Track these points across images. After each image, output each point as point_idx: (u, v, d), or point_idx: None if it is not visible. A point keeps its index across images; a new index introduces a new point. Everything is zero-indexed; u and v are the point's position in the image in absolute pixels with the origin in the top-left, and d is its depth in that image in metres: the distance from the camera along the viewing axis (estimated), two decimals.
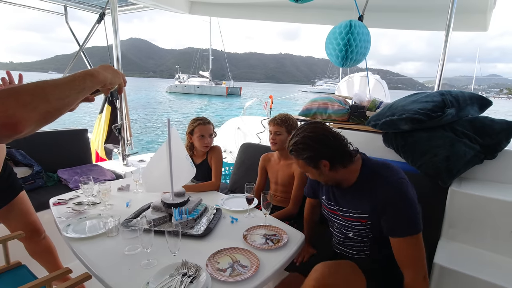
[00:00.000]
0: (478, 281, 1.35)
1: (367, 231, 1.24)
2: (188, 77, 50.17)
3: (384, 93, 4.65)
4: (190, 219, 1.37)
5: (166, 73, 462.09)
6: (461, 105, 1.81)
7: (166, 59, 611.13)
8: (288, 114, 1.98)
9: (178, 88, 45.54)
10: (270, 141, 1.95)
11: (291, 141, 1.25)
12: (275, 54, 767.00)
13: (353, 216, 1.24)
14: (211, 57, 48.21)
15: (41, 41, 63.97)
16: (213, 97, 39.23)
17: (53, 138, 2.74)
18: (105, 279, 1.02)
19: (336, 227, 1.38)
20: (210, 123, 2.08)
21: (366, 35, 2.23)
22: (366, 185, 1.19)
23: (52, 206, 1.61)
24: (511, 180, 1.74)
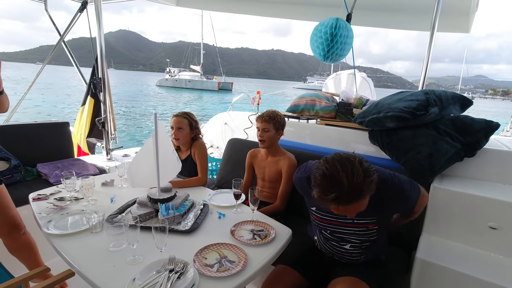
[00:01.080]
0: (458, 274, 1.41)
1: (372, 236, 1.27)
2: (179, 71, 49.23)
3: (370, 90, 4.73)
4: (177, 214, 1.35)
5: (156, 66, 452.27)
6: (444, 104, 1.87)
7: (157, 53, 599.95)
8: (275, 111, 1.97)
9: (169, 82, 44.61)
10: (258, 138, 1.94)
11: (359, 176, 0.99)
12: (267, 50, 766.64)
13: (359, 223, 1.24)
14: (202, 52, 47.44)
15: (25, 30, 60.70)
16: (204, 92, 38.74)
17: (32, 131, 2.62)
18: (89, 276, 0.99)
19: (328, 238, 1.35)
20: (183, 117, 2.03)
21: (348, 33, 2.29)
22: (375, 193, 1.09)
23: (31, 201, 1.55)
24: (489, 177, 1.82)
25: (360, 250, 1.32)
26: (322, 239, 1.40)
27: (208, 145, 4.47)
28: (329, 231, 1.33)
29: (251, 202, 1.43)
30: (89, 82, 2.95)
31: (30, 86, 3.29)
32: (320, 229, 1.37)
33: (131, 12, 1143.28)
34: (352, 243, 1.30)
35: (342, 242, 1.32)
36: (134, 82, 61.48)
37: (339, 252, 1.36)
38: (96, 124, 2.94)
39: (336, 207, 1.04)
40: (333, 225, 1.30)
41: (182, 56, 57.90)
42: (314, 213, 1.35)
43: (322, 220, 1.32)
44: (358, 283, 1.22)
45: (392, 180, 1.20)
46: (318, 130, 2.46)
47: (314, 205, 1.34)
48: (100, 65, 2.81)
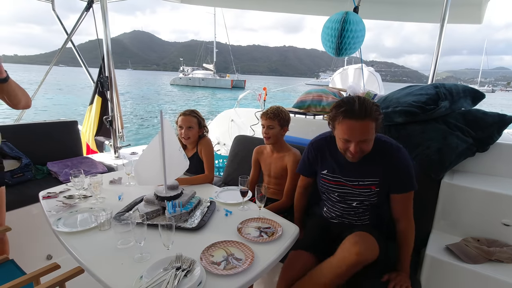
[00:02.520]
0: (470, 272, 1.38)
1: (373, 197, 1.40)
2: (192, 70, 49.62)
3: (378, 85, 4.66)
4: (183, 212, 1.35)
5: (169, 65, 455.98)
6: (454, 98, 1.82)
7: (169, 52, 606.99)
8: (280, 107, 1.95)
9: (183, 80, 45.01)
10: (263, 135, 1.92)
11: (369, 101, 1.26)
12: (278, 47, 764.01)
13: (363, 184, 1.39)
14: (215, 50, 47.48)
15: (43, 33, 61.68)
16: (218, 90, 38.92)
17: (42, 130, 2.67)
18: (97, 274, 1.00)
19: (335, 200, 1.50)
20: (192, 115, 2.03)
21: (359, 25, 2.23)
22: (380, 151, 1.36)
23: (41, 199, 1.58)
24: (502, 172, 1.77)
25: (365, 207, 1.45)
26: (330, 204, 1.54)
27: (215, 142, 4.48)
28: (336, 193, 1.47)
29: (257, 199, 1.43)
30: (96, 81, 2.97)
31: (39, 85, 3.34)
32: (328, 193, 1.51)
33: (144, 13, 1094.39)
34: (358, 203, 1.44)
35: (349, 202, 1.46)
36: (148, 81, 62.31)
37: (347, 212, 1.49)
38: (104, 123, 2.96)
39: (346, 123, 1.24)
40: (341, 186, 1.44)
41: (194, 54, 58.27)
42: (325, 177, 1.49)
43: (332, 182, 1.47)
44: (365, 235, 1.30)
45: (398, 147, 1.37)
46: (325, 126, 2.43)
47: (325, 168, 1.49)
48: (107, 64, 2.82)
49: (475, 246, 1.47)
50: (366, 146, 1.29)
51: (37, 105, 16.95)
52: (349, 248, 1.26)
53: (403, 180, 1.36)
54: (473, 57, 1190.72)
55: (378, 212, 1.48)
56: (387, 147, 1.37)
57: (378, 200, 1.42)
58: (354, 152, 1.28)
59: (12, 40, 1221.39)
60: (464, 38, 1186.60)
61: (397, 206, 1.41)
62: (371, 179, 1.39)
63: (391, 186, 1.38)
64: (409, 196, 1.40)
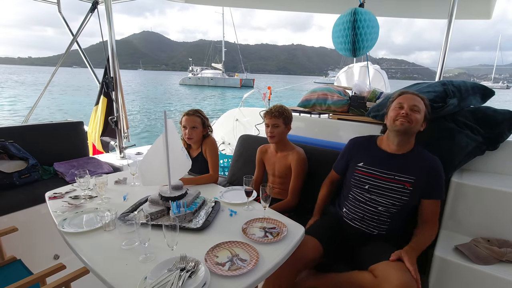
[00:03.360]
0: (479, 273, 1.35)
1: (406, 196, 1.42)
2: (201, 70, 49.81)
3: (384, 83, 4.61)
4: (188, 212, 1.35)
5: (178, 65, 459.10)
6: (463, 95, 1.78)
7: (178, 52, 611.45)
8: (283, 106, 1.94)
9: (192, 80, 45.19)
10: (268, 134, 1.91)
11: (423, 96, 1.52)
12: (286, 45, 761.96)
13: (399, 179, 1.43)
14: (224, 49, 47.63)
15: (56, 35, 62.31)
16: (227, 89, 39.03)
17: (48, 131, 2.70)
18: (102, 274, 1.00)
19: (362, 199, 1.51)
20: (196, 115, 2.02)
21: (372, 21, 2.18)
22: (419, 155, 1.47)
23: (47, 200, 1.59)
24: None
25: (388, 214, 1.46)
26: (353, 204, 1.54)
27: (220, 142, 4.48)
28: (367, 186, 1.49)
29: (262, 199, 1.41)
30: (101, 81, 2.99)
31: (45, 86, 3.37)
32: (359, 186, 1.52)
33: (153, 14, 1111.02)
34: (384, 204, 1.45)
35: (376, 202, 1.47)
36: (158, 81, 62.87)
37: (369, 217, 1.48)
38: (109, 123, 2.98)
39: (402, 95, 1.49)
40: (375, 179, 1.48)
41: (203, 54, 58.51)
42: (360, 168, 1.53)
43: (366, 174, 1.50)
44: (403, 263, 1.25)
45: (437, 159, 1.46)
46: (330, 124, 2.41)
47: (362, 161, 1.54)
48: (112, 65, 2.84)
49: (485, 246, 1.44)
50: (415, 117, 1.41)
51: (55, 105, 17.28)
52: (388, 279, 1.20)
53: (436, 187, 1.43)
54: (486, 53, 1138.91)
55: (397, 224, 1.48)
56: (429, 155, 1.48)
57: (408, 202, 1.43)
58: (405, 113, 1.41)
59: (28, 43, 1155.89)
60: (476, 34, 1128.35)
61: (427, 211, 1.45)
62: (407, 176, 1.43)
63: (425, 191, 1.43)
64: (438, 204, 1.46)
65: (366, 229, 1.50)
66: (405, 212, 1.47)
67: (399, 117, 1.43)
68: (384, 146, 1.54)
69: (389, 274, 1.20)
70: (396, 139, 1.47)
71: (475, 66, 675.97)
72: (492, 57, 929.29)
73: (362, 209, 1.51)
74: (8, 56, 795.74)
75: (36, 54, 53.47)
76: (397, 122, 1.43)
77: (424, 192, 1.43)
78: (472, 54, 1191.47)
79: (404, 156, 1.47)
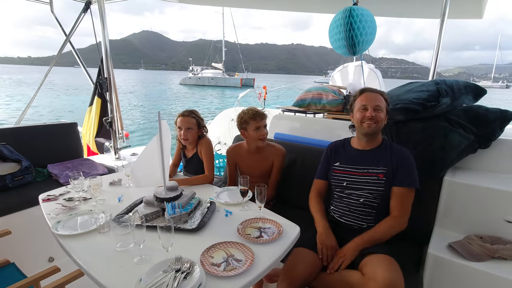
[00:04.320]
0: (473, 270, 1.37)
1: (381, 186, 1.48)
2: (201, 69, 49.59)
3: (379, 82, 4.64)
4: (183, 213, 1.34)
5: (178, 65, 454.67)
6: (455, 94, 1.80)
7: (178, 52, 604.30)
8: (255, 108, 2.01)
9: (192, 80, 44.98)
10: (260, 137, 1.92)
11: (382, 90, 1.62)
12: (286, 45, 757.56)
13: (372, 172, 1.51)
14: (224, 49, 47.46)
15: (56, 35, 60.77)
16: (227, 89, 38.90)
17: (41, 133, 2.67)
18: (96, 277, 1.00)
19: (343, 195, 1.58)
20: (191, 116, 2.02)
21: (368, 16, 2.19)
22: (388, 147, 1.55)
23: (41, 202, 1.57)
24: (505, 169, 1.75)
25: (371, 205, 1.51)
26: (338, 201, 1.61)
27: (216, 142, 4.48)
28: (345, 183, 1.56)
29: (258, 200, 1.41)
30: (95, 82, 2.97)
31: (38, 87, 3.33)
32: (338, 185, 1.59)
33: (152, 13, 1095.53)
34: (365, 196, 1.51)
35: (356, 195, 1.53)
36: (159, 81, 62.54)
37: (354, 210, 1.54)
38: (104, 124, 2.96)
39: (364, 94, 1.55)
40: (351, 175, 1.56)
41: (202, 54, 58.23)
42: (337, 168, 1.61)
43: (343, 172, 1.59)
44: (391, 261, 1.29)
45: (408, 151, 1.53)
46: (325, 124, 2.42)
47: (338, 161, 1.63)
48: (106, 65, 2.82)
49: (478, 243, 1.46)
50: (380, 116, 1.49)
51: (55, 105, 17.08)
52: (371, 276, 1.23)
53: (407, 175, 1.47)
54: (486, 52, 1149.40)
55: (384, 215, 1.50)
56: (398, 147, 1.55)
57: (385, 192, 1.49)
58: (370, 115, 1.48)
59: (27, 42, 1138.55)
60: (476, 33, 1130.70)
61: (394, 200, 1.48)
62: (379, 167, 1.51)
63: (396, 179, 1.48)
64: (409, 193, 1.47)
65: (355, 223, 1.54)
66: (387, 203, 1.51)
67: (365, 119, 1.50)
68: (355, 144, 1.63)
69: (375, 272, 1.22)
70: (365, 138, 1.57)
71: (475, 65, 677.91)
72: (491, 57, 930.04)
73: (347, 204, 1.57)
74: (8, 56, 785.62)
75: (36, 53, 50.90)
76: (364, 125, 1.51)
77: (395, 180, 1.48)
78: (472, 53, 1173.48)
79: (374, 150, 1.57)
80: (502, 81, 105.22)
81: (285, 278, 1.35)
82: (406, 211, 1.46)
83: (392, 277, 1.19)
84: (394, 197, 1.48)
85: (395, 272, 1.22)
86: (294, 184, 2.11)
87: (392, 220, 1.45)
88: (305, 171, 2.06)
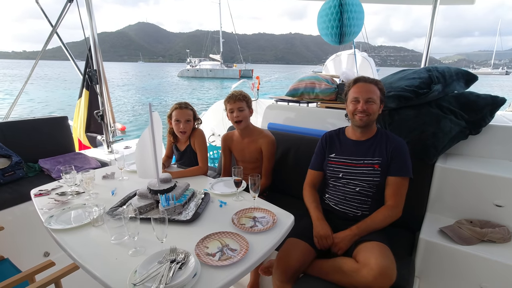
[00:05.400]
0: (463, 253, 1.40)
1: (376, 177, 1.49)
2: (199, 61, 48.82)
3: (372, 70, 4.63)
4: (177, 205, 1.34)
5: (175, 57, 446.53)
6: (447, 81, 1.81)
7: (175, 43, 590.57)
8: (240, 90, 2.00)
9: (190, 72, 44.22)
10: (235, 119, 1.93)
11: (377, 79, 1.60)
12: (284, 34, 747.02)
13: (367, 162, 1.52)
14: (222, 40, 46.70)
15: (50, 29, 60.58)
16: (226, 80, 38.47)
17: (31, 127, 2.62)
18: (92, 269, 1.00)
19: (339, 184, 1.58)
20: (188, 108, 2.02)
21: (357, 6, 2.17)
22: (383, 137, 1.56)
23: (33, 197, 1.56)
24: (494, 154, 1.78)
25: (366, 194, 1.53)
26: (333, 189, 1.62)
27: (210, 133, 4.45)
28: (341, 174, 1.57)
29: (252, 190, 1.42)
30: (83, 74, 2.90)
31: (26, 81, 3.25)
32: (334, 175, 1.60)
33: (147, 4, 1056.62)
34: (360, 185, 1.53)
35: (353, 184, 1.54)
36: (156, 74, 61.51)
37: (350, 198, 1.55)
38: (95, 117, 2.91)
39: (357, 85, 1.53)
40: (347, 166, 1.56)
41: (200, 45, 57.44)
42: (332, 159, 1.62)
43: (338, 163, 1.59)
44: (384, 247, 1.31)
45: (402, 140, 1.54)
46: (318, 113, 2.42)
47: (334, 152, 1.63)
48: (95, 57, 2.75)
49: (468, 227, 1.49)
50: (372, 108, 1.48)
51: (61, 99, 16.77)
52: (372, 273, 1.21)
53: (401, 164, 1.48)
54: (486, 38, 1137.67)
55: (379, 203, 1.52)
56: (393, 137, 1.55)
57: (380, 182, 1.50)
58: (361, 109, 1.48)
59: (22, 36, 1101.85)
60: (475, 19, 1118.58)
61: (389, 189, 1.50)
62: (374, 158, 1.52)
63: (391, 169, 1.49)
64: (403, 182, 1.49)
65: (350, 211, 1.56)
66: (382, 192, 1.53)
67: (357, 112, 1.51)
68: (350, 135, 1.64)
69: (369, 259, 1.24)
70: (359, 129, 1.57)
71: (475, 52, 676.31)
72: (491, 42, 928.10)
73: (343, 192, 1.58)
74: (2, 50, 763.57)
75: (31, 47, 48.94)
76: (356, 118, 1.52)
77: (390, 170, 1.50)
78: (472, 39, 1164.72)
79: (370, 141, 1.57)
80: (502, 67, 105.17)
81: (279, 266, 1.37)
82: (401, 200, 1.48)
83: (385, 264, 1.21)
84: (389, 186, 1.50)
85: (388, 258, 1.25)
86: (288, 174, 2.12)
87: (388, 210, 1.46)
88: (299, 160, 2.07)
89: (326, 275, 1.34)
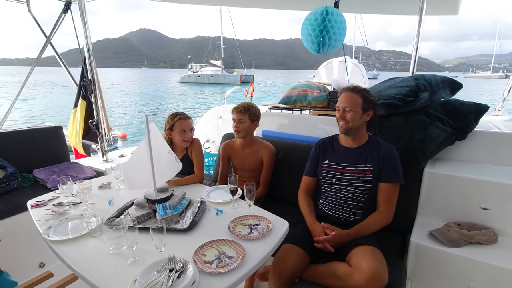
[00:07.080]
0: (451, 255, 1.46)
1: (368, 183, 1.56)
2: (200, 67, 48.93)
3: (363, 77, 4.73)
4: (175, 213, 1.37)
5: (176, 63, 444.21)
6: (434, 88, 1.88)
7: (176, 49, 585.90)
8: (251, 103, 2.06)
9: (192, 78, 44.40)
10: (234, 129, 2.02)
11: (361, 87, 1.64)
12: (285, 40, 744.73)
13: (360, 169, 1.59)
14: (222, 46, 46.88)
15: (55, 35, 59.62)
16: (227, 86, 38.62)
17: (25, 138, 2.61)
18: (91, 280, 1.01)
19: (333, 190, 1.64)
20: (190, 118, 2.10)
21: (342, 23, 2.26)
22: (374, 145, 1.62)
23: (30, 208, 1.56)
24: (481, 159, 1.85)
25: (359, 199, 1.59)
26: (327, 195, 1.67)
27: (204, 140, 4.48)
28: (334, 180, 1.63)
29: (247, 197, 1.45)
30: (79, 83, 2.91)
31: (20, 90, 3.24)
32: (327, 181, 1.66)
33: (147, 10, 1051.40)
34: (353, 191, 1.59)
35: (345, 190, 1.60)
36: (158, 80, 61.75)
37: (342, 204, 1.61)
38: (90, 126, 2.92)
39: (341, 95, 1.62)
40: (340, 173, 1.63)
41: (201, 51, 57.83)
42: (326, 165, 1.68)
43: (332, 169, 1.65)
44: (375, 251, 1.36)
45: (394, 148, 1.61)
46: (311, 120, 2.47)
47: (327, 159, 1.69)
48: (89, 66, 2.77)
49: (456, 230, 1.55)
50: (350, 116, 1.55)
51: None
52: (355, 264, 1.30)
53: (392, 171, 1.55)
54: (485, 42, 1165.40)
55: (372, 208, 1.58)
56: (384, 144, 1.62)
57: (372, 188, 1.57)
58: (338, 117, 1.59)
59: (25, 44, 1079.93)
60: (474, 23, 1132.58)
61: (381, 195, 1.56)
62: (366, 164, 1.58)
63: (382, 175, 1.56)
64: (394, 188, 1.56)
65: (343, 216, 1.62)
66: (374, 198, 1.59)
67: (339, 120, 1.61)
68: (343, 142, 1.71)
69: (361, 263, 1.28)
70: (348, 137, 1.65)
71: (475, 56, 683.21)
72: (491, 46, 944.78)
73: (336, 198, 1.64)
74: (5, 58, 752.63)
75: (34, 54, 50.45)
76: (339, 125, 1.62)
77: (382, 176, 1.56)
78: (470, 43, 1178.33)
79: (362, 148, 1.64)
80: (502, 71, 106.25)
81: (275, 272, 1.41)
82: (392, 206, 1.55)
83: (377, 267, 1.25)
84: (381, 192, 1.56)
85: (379, 262, 1.29)
86: (282, 181, 2.16)
87: (381, 215, 1.53)
88: (293, 167, 2.12)
89: (320, 279, 1.38)
